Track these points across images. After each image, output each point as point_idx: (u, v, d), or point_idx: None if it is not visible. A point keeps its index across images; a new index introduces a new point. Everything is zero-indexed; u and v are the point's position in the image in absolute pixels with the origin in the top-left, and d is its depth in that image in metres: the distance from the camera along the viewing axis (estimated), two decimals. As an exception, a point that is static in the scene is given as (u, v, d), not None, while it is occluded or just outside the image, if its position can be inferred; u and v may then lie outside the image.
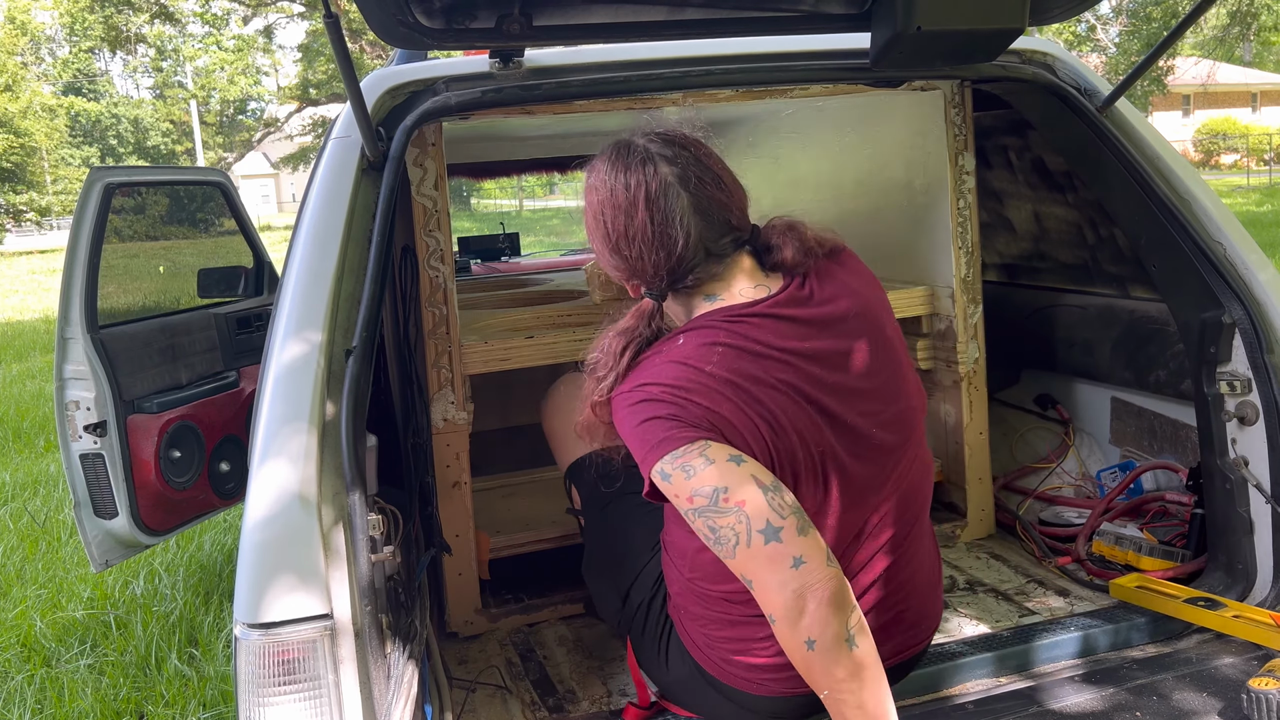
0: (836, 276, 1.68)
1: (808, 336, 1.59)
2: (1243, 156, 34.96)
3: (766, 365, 1.55)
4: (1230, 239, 2.30)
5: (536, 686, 2.26)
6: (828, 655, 1.40)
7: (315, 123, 35.90)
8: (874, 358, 1.63)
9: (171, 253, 3.70)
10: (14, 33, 33.96)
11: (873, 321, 1.66)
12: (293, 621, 1.53)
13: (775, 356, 1.56)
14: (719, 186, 1.65)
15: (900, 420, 1.66)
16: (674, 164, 1.63)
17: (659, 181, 1.61)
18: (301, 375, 1.72)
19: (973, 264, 2.82)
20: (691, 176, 1.62)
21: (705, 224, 1.61)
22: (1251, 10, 23.56)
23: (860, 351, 1.62)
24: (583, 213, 1.74)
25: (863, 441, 1.61)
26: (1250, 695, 1.72)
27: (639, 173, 1.62)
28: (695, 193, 1.61)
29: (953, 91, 2.76)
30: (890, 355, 1.67)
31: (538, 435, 3.99)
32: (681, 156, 1.64)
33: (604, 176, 1.66)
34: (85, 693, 3.16)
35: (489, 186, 32.80)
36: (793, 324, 1.59)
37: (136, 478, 3.00)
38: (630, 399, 1.56)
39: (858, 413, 1.60)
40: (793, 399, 1.55)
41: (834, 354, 1.60)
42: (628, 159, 1.65)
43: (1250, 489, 2.22)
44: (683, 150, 1.65)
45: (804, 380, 1.56)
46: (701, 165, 1.65)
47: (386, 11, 1.81)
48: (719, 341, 1.55)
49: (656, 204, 1.60)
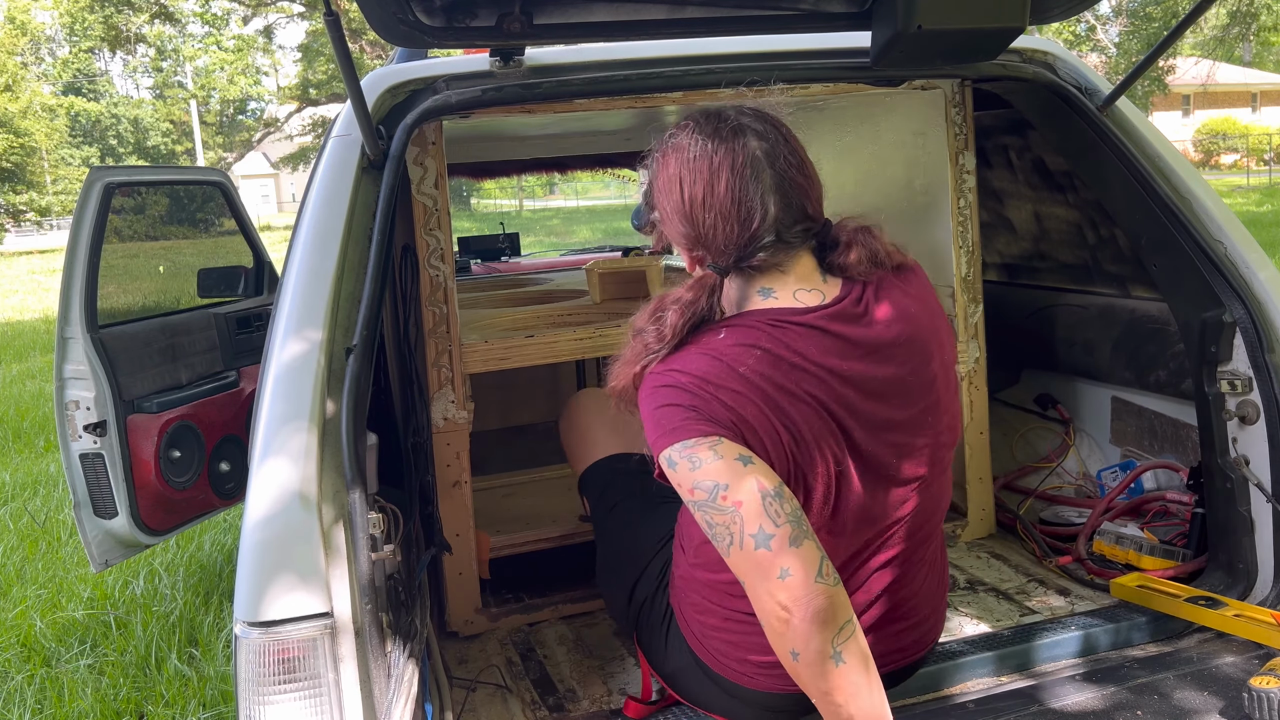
0: (895, 297, 1.62)
1: (849, 356, 1.55)
2: (1243, 156, 34.97)
3: (800, 378, 1.52)
4: (1231, 238, 2.30)
5: (537, 686, 2.26)
6: (812, 668, 1.39)
7: (315, 123, 35.91)
8: (913, 391, 1.60)
9: (171, 253, 3.70)
10: (14, 33, 33.96)
11: (920, 351, 1.61)
12: (293, 620, 1.53)
13: (811, 371, 1.52)
14: (801, 171, 1.61)
15: (927, 453, 1.63)
16: (764, 139, 1.59)
17: (747, 154, 1.57)
18: (302, 374, 1.72)
19: (973, 263, 2.82)
20: (780, 155, 1.58)
21: (784, 205, 1.57)
22: (1251, 10, 23.56)
23: (900, 383, 1.58)
24: (654, 174, 1.67)
25: (883, 470, 1.58)
26: (1251, 694, 1.72)
27: (730, 143, 1.58)
28: (780, 172, 1.57)
29: (953, 91, 2.76)
30: (930, 389, 1.62)
31: (538, 435, 4.01)
32: (771, 134, 1.60)
33: (691, 140, 1.60)
34: (85, 693, 3.16)
35: (489, 186, 32.83)
36: (837, 340, 1.55)
37: (136, 478, 3.00)
38: (658, 380, 1.53)
39: (883, 443, 1.57)
40: (820, 415, 1.52)
41: (872, 380, 1.56)
42: (718, 126, 1.60)
43: (1251, 488, 2.22)
44: (773, 129, 1.61)
45: (835, 400, 1.53)
46: (789, 146, 1.61)
47: (387, 10, 1.81)
48: (759, 345, 1.52)
49: (742, 176, 1.56)
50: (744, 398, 1.48)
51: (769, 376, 1.50)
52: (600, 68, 2.21)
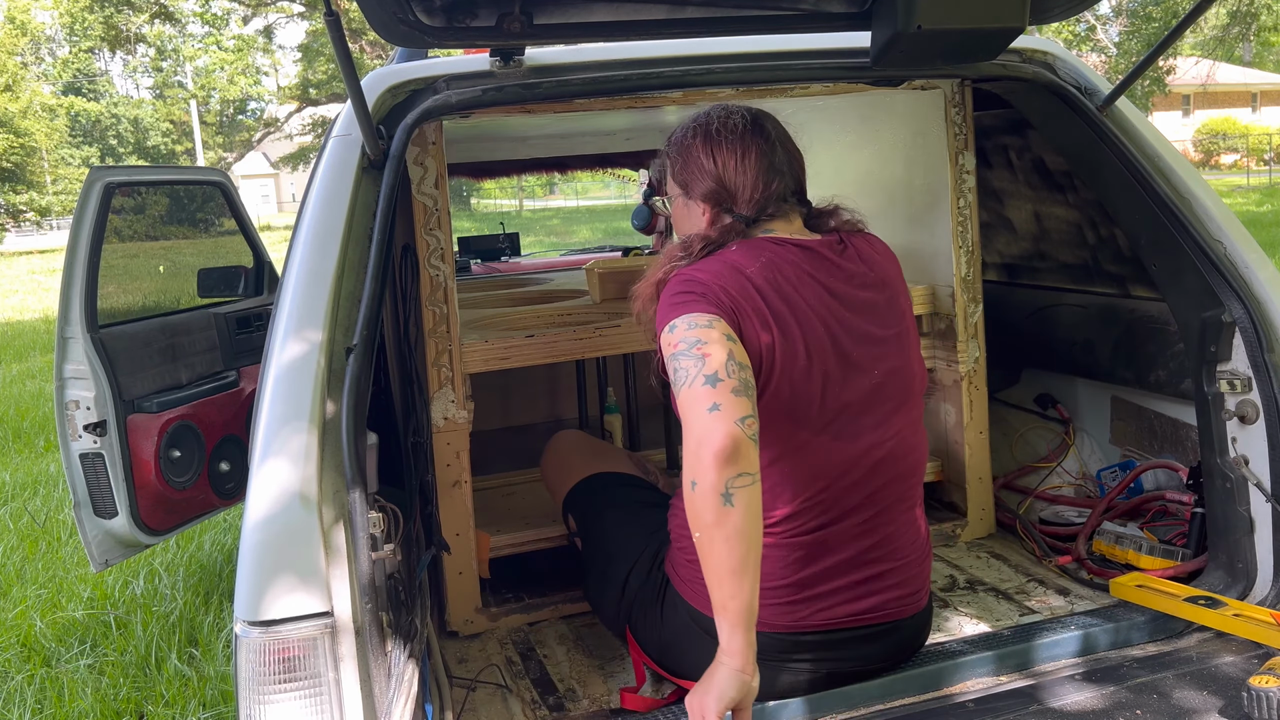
0: (864, 248, 1.95)
1: (834, 276, 1.86)
2: (1243, 156, 34.98)
3: (797, 284, 1.81)
4: (1230, 238, 2.30)
5: (537, 685, 2.26)
6: (703, 499, 1.53)
7: (315, 123, 35.92)
8: (887, 316, 1.89)
9: (171, 253, 3.70)
10: (14, 33, 33.95)
11: (890, 286, 1.93)
12: (293, 619, 1.53)
13: (806, 280, 1.83)
14: (796, 156, 1.99)
15: (901, 376, 1.88)
16: (775, 128, 1.97)
17: (765, 136, 1.94)
18: (302, 374, 1.72)
19: (973, 263, 2.82)
20: (785, 140, 1.97)
21: (791, 176, 1.95)
22: (1251, 10, 23.56)
23: (877, 307, 1.88)
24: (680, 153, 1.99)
25: (863, 379, 1.82)
26: (1251, 693, 1.72)
27: (751, 127, 1.95)
28: (789, 153, 1.96)
29: (953, 91, 2.76)
30: (902, 319, 1.92)
31: (538, 435, 4.01)
32: (775, 126, 1.98)
33: (716, 127, 1.95)
34: (85, 693, 3.16)
35: (489, 186, 32.83)
36: (826, 263, 1.87)
37: (136, 477, 3.00)
38: (675, 286, 1.79)
39: (865, 354, 1.83)
40: (811, 316, 1.79)
41: (854, 300, 1.86)
42: (734, 118, 1.96)
43: (1251, 488, 2.22)
44: (774, 122, 1.99)
45: (824, 308, 1.81)
46: (786, 135, 1.99)
47: (387, 10, 1.81)
48: (762, 255, 1.83)
49: (764, 150, 1.93)
50: (744, 293, 1.76)
51: (771, 279, 1.80)
52: (600, 68, 2.21)
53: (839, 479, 1.81)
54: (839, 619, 1.84)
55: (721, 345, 1.64)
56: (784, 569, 1.81)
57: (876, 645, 1.89)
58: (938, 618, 2.41)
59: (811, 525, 1.80)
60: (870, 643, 1.88)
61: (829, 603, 1.83)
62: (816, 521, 1.80)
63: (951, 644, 2.14)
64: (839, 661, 1.87)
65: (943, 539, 2.89)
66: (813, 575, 1.82)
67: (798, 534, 1.80)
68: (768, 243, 1.87)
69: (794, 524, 1.80)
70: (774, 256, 1.83)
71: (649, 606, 2.03)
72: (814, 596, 1.82)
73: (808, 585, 1.82)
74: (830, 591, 1.83)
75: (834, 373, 1.79)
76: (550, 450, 2.57)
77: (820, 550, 1.81)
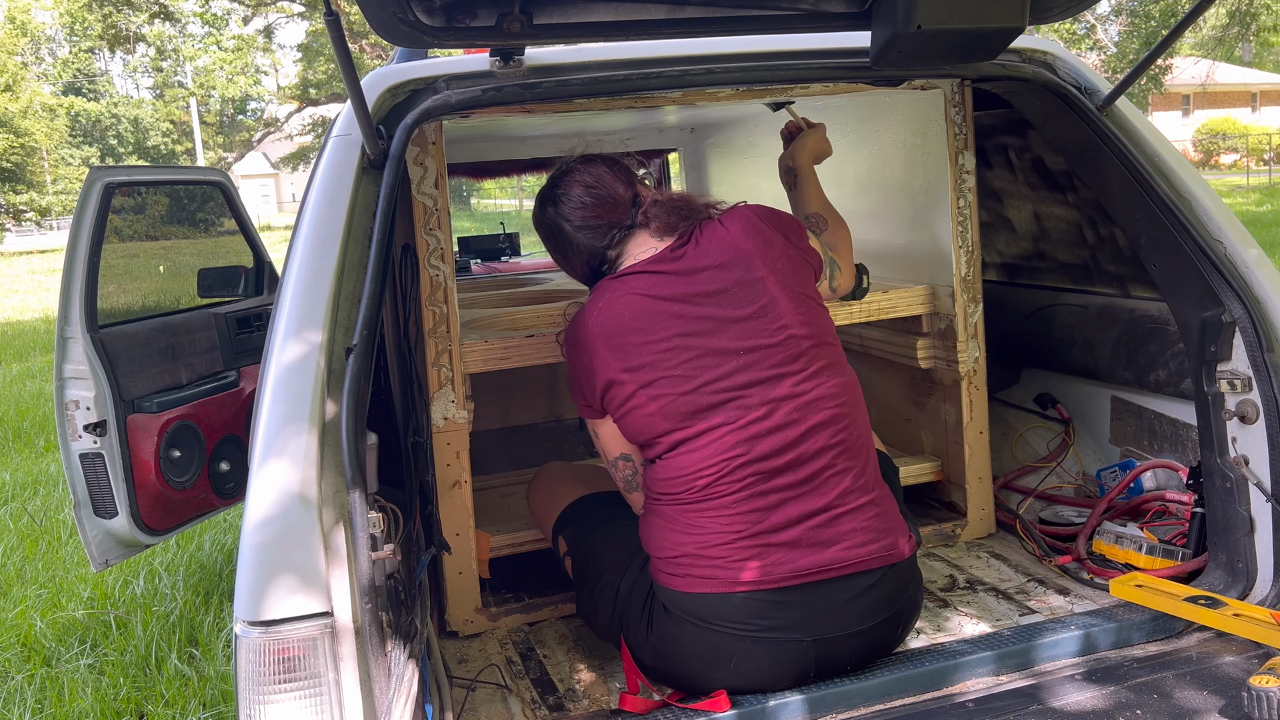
0: (713, 231, 2.12)
1: (674, 284, 2.07)
2: (1242, 156, 34.97)
3: (637, 309, 2.06)
4: (1230, 238, 2.30)
5: (537, 685, 2.26)
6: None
7: (315, 123, 35.90)
8: (743, 295, 2.05)
9: (171, 253, 3.70)
10: (14, 33, 33.96)
11: (742, 264, 2.08)
12: (293, 619, 1.53)
13: (638, 301, 2.06)
14: (593, 207, 2.19)
15: (785, 343, 2.03)
16: (559, 204, 2.22)
17: (551, 222, 2.24)
18: (302, 374, 1.72)
19: (973, 263, 2.82)
20: (571, 209, 2.20)
21: (592, 237, 2.20)
22: (1251, 10, 23.54)
23: (727, 291, 2.06)
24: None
25: (734, 360, 2.01)
26: (1251, 693, 1.72)
27: (544, 212, 2.26)
28: (576, 222, 2.20)
29: (953, 90, 2.76)
30: (763, 291, 2.06)
31: (538, 435, 4.01)
32: (563, 195, 2.22)
33: (538, 210, 2.29)
34: (85, 692, 3.17)
35: (489, 186, 32.80)
36: (660, 276, 2.08)
37: (136, 477, 3.00)
38: (562, 343, 2.24)
39: (728, 338, 2.02)
40: (651, 331, 2.04)
41: (700, 294, 2.06)
42: (541, 197, 2.27)
43: (1251, 487, 2.22)
44: (560, 188, 2.23)
45: (664, 316, 2.04)
46: (572, 198, 2.20)
47: (387, 10, 1.81)
48: (600, 300, 2.11)
49: (557, 239, 2.25)
50: (598, 349, 2.07)
51: (610, 319, 2.07)
52: (600, 68, 2.21)
53: (751, 448, 1.97)
54: (805, 570, 1.95)
55: (609, 444, 2.18)
56: (739, 525, 1.96)
57: (857, 602, 1.97)
58: (938, 618, 2.41)
59: (744, 490, 1.97)
60: (848, 599, 1.96)
61: (790, 555, 1.96)
62: (749, 488, 1.97)
63: (951, 644, 2.14)
64: (821, 624, 1.95)
65: (943, 539, 2.89)
66: (767, 529, 1.96)
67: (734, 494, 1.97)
68: (607, 283, 2.14)
69: (727, 486, 1.97)
70: (612, 295, 2.09)
71: (639, 607, 2.09)
72: (772, 546, 1.96)
73: (762, 537, 1.96)
74: (787, 543, 1.96)
75: (699, 367, 2.00)
76: (536, 483, 2.60)
77: (767, 510, 1.97)
